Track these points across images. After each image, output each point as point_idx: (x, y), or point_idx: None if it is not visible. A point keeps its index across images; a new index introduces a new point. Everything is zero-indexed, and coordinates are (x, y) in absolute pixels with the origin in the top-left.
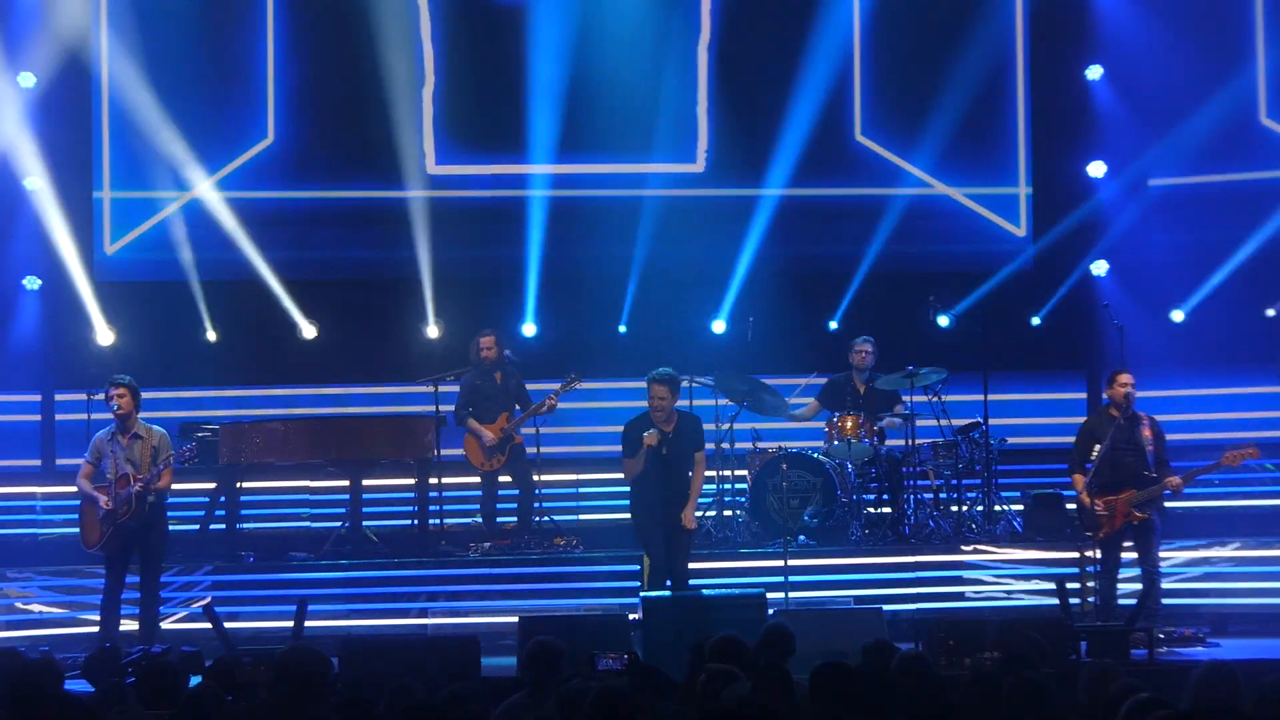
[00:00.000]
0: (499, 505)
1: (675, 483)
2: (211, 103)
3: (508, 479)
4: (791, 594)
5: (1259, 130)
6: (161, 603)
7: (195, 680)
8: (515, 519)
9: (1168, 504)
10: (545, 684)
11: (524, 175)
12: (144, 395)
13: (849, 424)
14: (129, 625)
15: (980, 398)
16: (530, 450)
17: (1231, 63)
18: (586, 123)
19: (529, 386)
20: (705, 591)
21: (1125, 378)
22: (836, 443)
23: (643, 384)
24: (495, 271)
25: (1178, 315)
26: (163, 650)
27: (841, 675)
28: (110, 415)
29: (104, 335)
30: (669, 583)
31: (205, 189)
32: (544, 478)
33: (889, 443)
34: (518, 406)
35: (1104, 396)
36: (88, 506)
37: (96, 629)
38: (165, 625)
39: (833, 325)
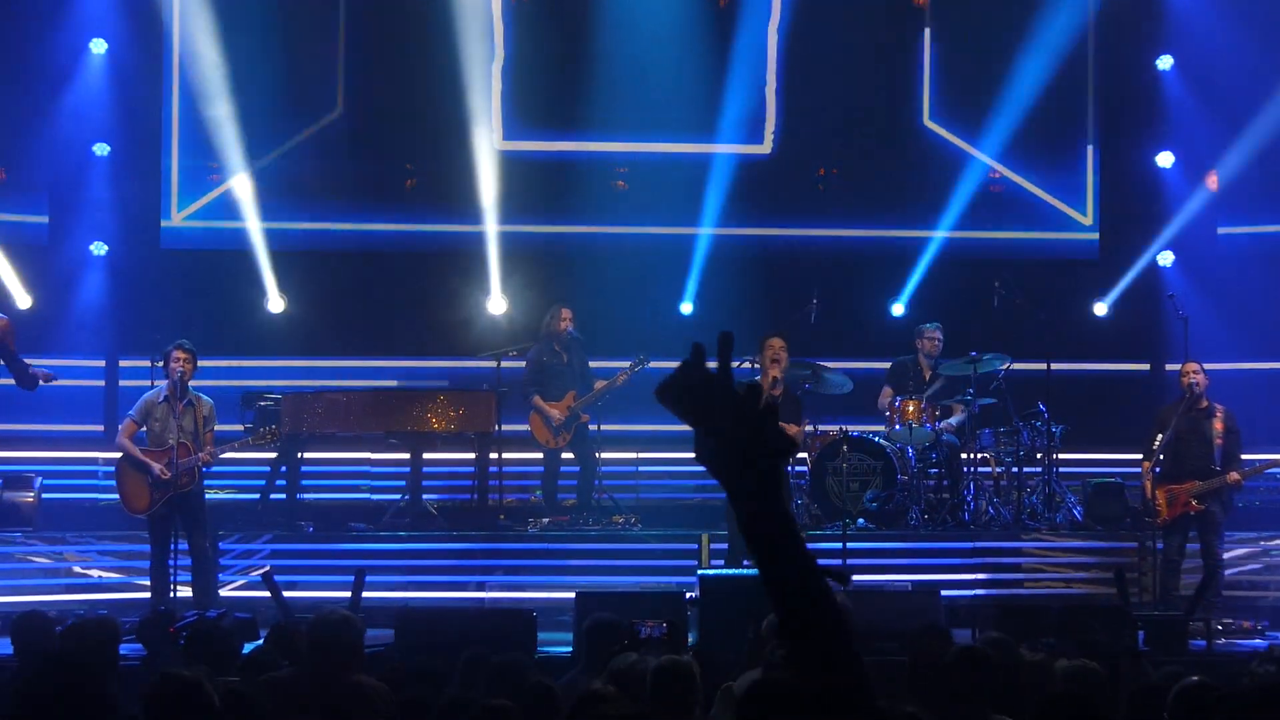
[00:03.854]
0: (560, 483)
1: None
2: (281, 73)
3: (570, 456)
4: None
5: None
6: (218, 569)
7: (250, 646)
8: (575, 496)
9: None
10: (602, 659)
11: (591, 152)
12: (206, 363)
13: (910, 408)
14: (184, 592)
15: (1043, 385)
16: (592, 428)
17: None
18: (655, 101)
19: (591, 364)
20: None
21: (1188, 367)
22: (898, 427)
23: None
24: (559, 248)
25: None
26: (218, 615)
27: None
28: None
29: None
30: (746, 561)
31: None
32: (604, 455)
33: (950, 424)
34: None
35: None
36: (130, 469)
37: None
38: (224, 593)
39: (897, 310)
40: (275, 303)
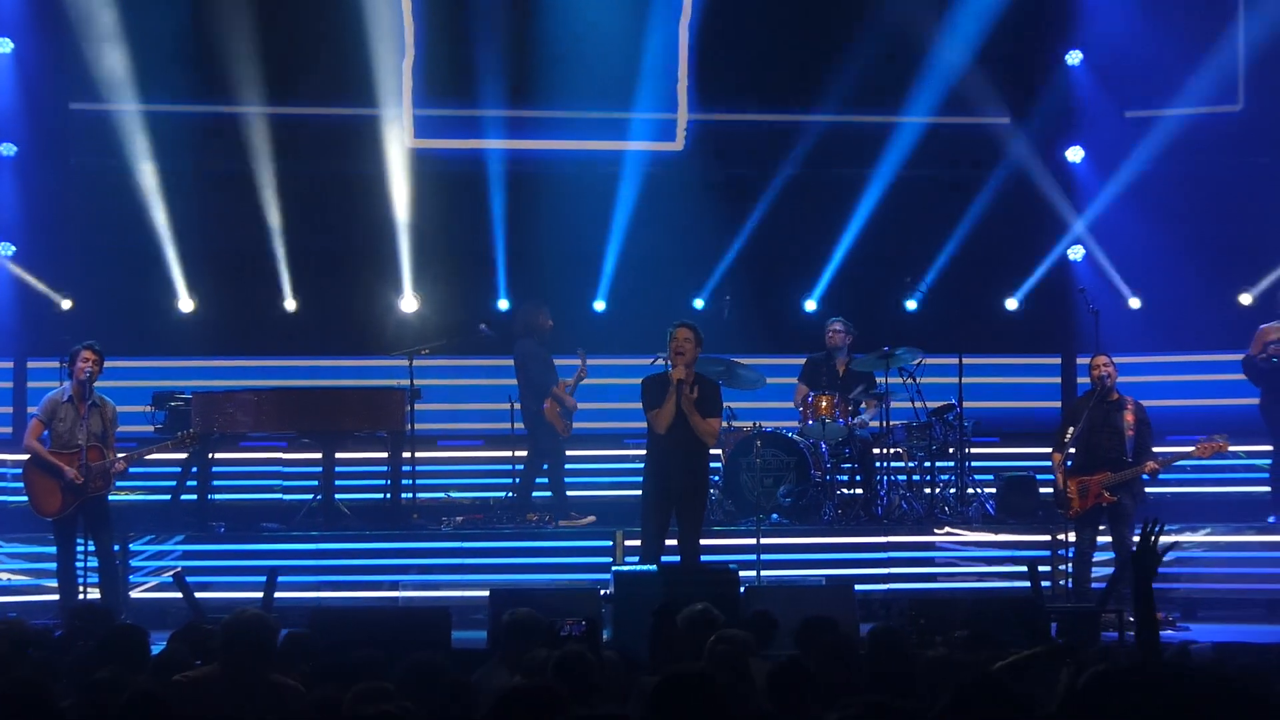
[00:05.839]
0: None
1: (683, 454)
2: (189, 70)
3: (523, 453)
4: (763, 572)
5: None
6: (128, 570)
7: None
8: (515, 494)
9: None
10: (520, 654)
11: (502, 151)
12: (115, 364)
13: (824, 404)
14: (93, 594)
15: (955, 380)
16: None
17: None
18: (567, 99)
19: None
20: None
21: (1099, 360)
22: (811, 422)
23: (619, 361)
24: (471, 246)
25: (1135, 303)
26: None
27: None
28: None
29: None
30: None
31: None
32: (518, 454)
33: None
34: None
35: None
36: (40, 472)
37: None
38: (135, 594)
39: (809, 306)
40: (185, 302)
